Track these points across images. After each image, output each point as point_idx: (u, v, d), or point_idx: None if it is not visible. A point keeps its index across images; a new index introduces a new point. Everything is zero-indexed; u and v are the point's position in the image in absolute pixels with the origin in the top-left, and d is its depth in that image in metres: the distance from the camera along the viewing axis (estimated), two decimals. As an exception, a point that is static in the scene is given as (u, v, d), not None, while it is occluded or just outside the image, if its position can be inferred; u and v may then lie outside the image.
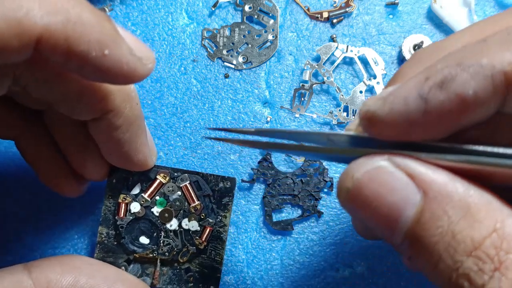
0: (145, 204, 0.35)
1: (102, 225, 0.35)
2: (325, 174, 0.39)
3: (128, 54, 0.24)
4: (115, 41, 0.23)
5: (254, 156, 0.39)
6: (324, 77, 0.40)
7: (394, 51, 0.41)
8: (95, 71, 0.23)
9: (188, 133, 0.39)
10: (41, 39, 0.21)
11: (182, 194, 0.35)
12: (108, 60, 0.23)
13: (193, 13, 0.41)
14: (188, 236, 0.35)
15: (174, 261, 0.35)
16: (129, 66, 0.24)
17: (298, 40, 0.41)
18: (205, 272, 0.35)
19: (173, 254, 0.35)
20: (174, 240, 0.35)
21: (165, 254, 0.35)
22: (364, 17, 0.41)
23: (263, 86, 0.40)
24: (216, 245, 0.35)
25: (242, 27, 0.41)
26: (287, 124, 0.40)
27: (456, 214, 0.20)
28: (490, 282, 0.19)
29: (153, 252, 0.35)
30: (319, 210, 0.38)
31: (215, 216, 0.35)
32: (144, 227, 0.35)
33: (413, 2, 0.41)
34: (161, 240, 0.35)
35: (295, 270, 0.38)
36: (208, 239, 0.35)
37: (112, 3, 0.41)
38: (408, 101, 0.21)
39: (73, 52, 0.22)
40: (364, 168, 0.22)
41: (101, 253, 0.35)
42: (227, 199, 0.35)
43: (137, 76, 0.25)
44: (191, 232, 0.35)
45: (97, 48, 0.22)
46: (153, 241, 0.35)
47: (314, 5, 0.41)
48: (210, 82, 0.40)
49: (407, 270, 0.38)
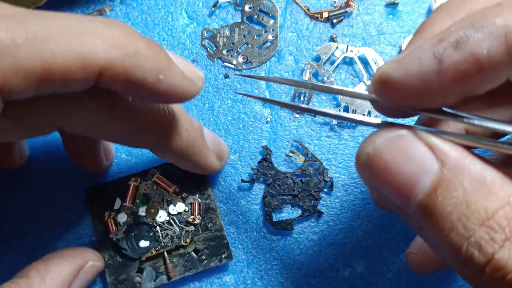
0: (130, 211, 0.36)
1: (102, 250, 0.36)
2: (325, 174, 0.39)
3: (181, 78, 0.26)
4: (168, 67, 0.26)
5: (254, 156, 0.39)
6: (324, 77, 0.40)
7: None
8: (151, 94, 0.26)
9: (188, 133, 0.39)
10: (103, 70, 0.24)
11: (157, 186, 0.37)
12: (163, 84, 0.25)
13: (193, 13, 0.41)
14: (181, 219, 0.36)
15: (179, 248, 0.36)
16: (182, 88, 0.27)
17: (298, 40, 0.41)
18: (213, 244, 0.36)
19: (175, 241, 0.36)
20: (170, 229, 0.36)
21: (168, 244, 0.36)
22: (364, 17, 0.41)
23: (263, 86, 0.40)
24: (210, 216, 0.37)
25: (242, 27, 0.41)
26: (287, 124, 0.40)
27: (472, 185, 0.21)
28: (500, 252, 0.20)
29: (156, 248, 0.36)
30: (319, 210, 0.38)
31: (197, 191, 0.37)
32: (138, 231, 0.36)
33: (413, 2, 0.41)
34: (159, 235, 0.36)
35: (295, 270, 0.38)
36: (200, 212, 0.36)
37: (112, 3, 0.41)
38: (423, 61, 0.21)
39: (131, 80, 0.24)
40: (386, 135, 0.23)
41: (112, 275, 0.36)
42: (203, 176, 0.37)
43: (189, 95, 0.27)
44: (182, 214, 0.36)
45: (153, 75, 0.25)
46: (152, 240, 0.36)
47: (314, 5, 0.41)
48: (210, 82, 0.40)
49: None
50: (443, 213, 0.21)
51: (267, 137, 0.39)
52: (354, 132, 0.40)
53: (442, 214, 0.21)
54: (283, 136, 0.40)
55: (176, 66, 0.26)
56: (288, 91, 0.40)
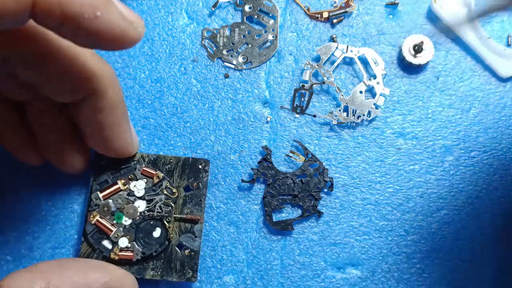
0: (123, 231, 0.35)
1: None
2: (325, 174, 0.39)
3: (120, 18, 0.25)
4: (106, 4, 0.25)
5: (254, 156, 0.39)
6: (324, 77, 0.40)
7: (394, 51, 0.41)
8: (88, 34, 0.25)
9: (188, 133, 0.39)
10: (36, 2, 0.23)
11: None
12: (100, 23, 0.24)
13: (193, 13, 0.41)
14: (156, 193, 0.36)
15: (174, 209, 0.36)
16: (120, 29, 0.25)
17: (298, 40, 0.41)
18: (194, 193, 0.37)
19: (170, 203, 0.36)
20: (156, 201, 0.36)
21: (170, 210, 0.36)
22: (364, 17, 0.41)
23: (263, 86, 0.40)
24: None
25: (242, 27, 0.41)
26: (287, 124, 0.40)
27: None
28: None
29: (168, 221, 0.36)
30: (319, 210, 0.38)
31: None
32: (143, 229, 0.36)
33: (413, 2, 0.41)
34: (154, 214, 0.36)
35: (295, 270, 0.38)
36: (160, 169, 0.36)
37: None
38: None
39: (67, 14, 0.24)
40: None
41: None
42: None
43: (129, 39, 0.26)
44: (146, 191, 0.36)
45: (89, 11, 0.24)
46: (161, 235, 0.35)
47: (314, 5, 0.41)
48: (210, 82, 0.40)
49: (407, 271, 0.38)
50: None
51: (267, 137, 0.39)
52: (354, 132, 0.40)
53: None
54: (283, 136, 0.40)
55: (114, 5, 0.25)
56: (288, 91, 0.40)
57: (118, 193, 0.36)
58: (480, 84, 0.40)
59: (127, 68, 0.40)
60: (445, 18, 0.40)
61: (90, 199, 0.36)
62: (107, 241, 0.35)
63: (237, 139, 0.39)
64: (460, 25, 0.40)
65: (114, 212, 0.36)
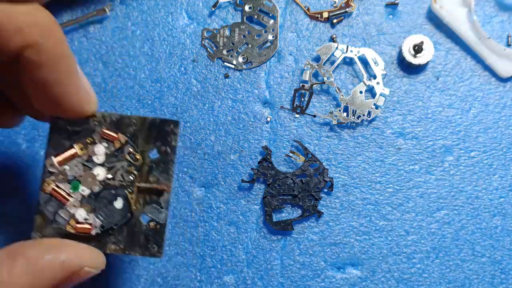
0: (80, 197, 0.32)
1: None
2: (325, 174, 0.39)
3: None
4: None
5: (254, 156, 0.39)
6: (324, 77, 0.40)
7: (394, 51, 0.41)
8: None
9: (188, 133, 0.39)
10: None
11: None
12: None
13: (193, 13, 0.41)
14: (116, 158, 0.32)
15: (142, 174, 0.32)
16: None
17: (298, 40, 0.41)
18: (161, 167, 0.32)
19: (133, 170, 0.32)
20: (116, 168, 0.32)
21: (131, 179, 0.32)
22: (364, 17, 0.41)
23: (263, 86, 0.40)
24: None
25: (242, 27, 0.41)
26: (287, 124, 0.40)
27: None
28: None
29: (130, 190, 0.32)
30: (319, 210, 0.38)
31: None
32: (103, 199, 0.32)
33: (413, 2, 0.41)
34: (116, 184, 0.32)
35: (295, 270, 0.38)
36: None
37: (112, 3, 0.41)
38: None
39: None
40: None
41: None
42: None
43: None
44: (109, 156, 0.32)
45: None
46: (123, 207, 0.32)
47: (314, 5, 0.41)
48: (210, 82, 0.40)
49: (408, 271, 0.38)
50: None
51: (267, 137, 0.39)
52: (354, 132, 0.40)
53: None
54: (283, 136, 0.40)
55: None
56: (288, 91, 0.40)
57: (74, 158, 0.32)
58: (480, 84, 0.40)
59: (127, 68, 0.40)
60: (445, 18, 0.40)
61: (44, 165, 0.32)
62: (63, 212, 0.31)
63: (237, 139, 0.40)
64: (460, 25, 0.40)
65: (70, 181, 0.32)
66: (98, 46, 0.40)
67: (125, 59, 0.40)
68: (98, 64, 0.40)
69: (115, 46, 0.40)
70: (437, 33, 0.41)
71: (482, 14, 0.41)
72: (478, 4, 0.41)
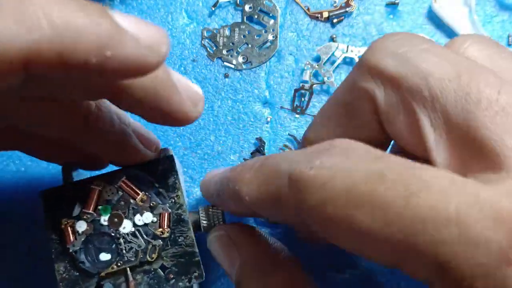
0: (90, 219, 0.31)
1: (57, 262, 0.31)
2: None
3: (135, 49, 0.20)
4: (116, 39, 0.20)
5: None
6: (324, 77, 0.40)
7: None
8: (101, 76, 0.21)
9: (188, 133, 0.39)
10: (28, 63, 0.18)
11: (122, 192, 0.32)
12: (113, 62, 0.20)
13: (193, 13, 0.41)
14: (149, 231, 0.32)
15: (144, 264, 0.32)
16: (138, 61, 0.21)
17: (298, 40, 0.41)
18: (182, 262, 0.32)
19: (140, 256, 0.31)
20: (134, 242, 0.31)
21: (131, 259, 0.31)
22: (364, 17, 0.41)
23: (263, 86, 0.40)
24: (181, 229, 0.32)
25: (242, 27, 0.41)
26: (287, 124, 0.40)
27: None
28: None
29: (118, 263, 0.31)
30: (319, 210, 0.38)
31: (167, 200, 0.32)
32: (99, 243, 0.31)
33: (413, 2, 0.41)
34: (122, 248, 0.31)
35: (295, 270, 0.38)
36: (169, 224, 0.32)
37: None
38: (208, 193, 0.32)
39: (71, 65, 0.19)
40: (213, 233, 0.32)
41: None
42: (172, 179, 0.32)
43: (148, 68, 0.21)
44: (149, 226, 0.32)
45: (98, 54, 0.19)
46: (114, 253, 0.31)
47: (314, 5, 0.41)
48: (210, 82, 0.40)
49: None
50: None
51: (267, 137, 0.39)
52: (354, 132, 0.40)
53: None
54: (283, 136, 0.39)
55: (126, 34, 0.20)
56: (288, 91, 0.40)
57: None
58: (481, 84, 0.40)
59: (127, 68, 0.40)
60: (445, 18, 0.40)
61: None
62: None
63: (237, 139, 0.39)
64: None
65: (104, 202, 0.32)
66: (98, 46, 0.40)
67: (125, 59, 0.40)
68: (98, 64, 0.40)
69: (115, 46, 0.40)
70: (438, 33, 0.41)
71: (483, 14, 0.41)
72: (479, 4, 0.41)
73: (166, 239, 0.32)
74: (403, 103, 0.23)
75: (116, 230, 0.31)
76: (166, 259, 0.32)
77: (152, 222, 0.32)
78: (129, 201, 0.32)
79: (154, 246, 0.31)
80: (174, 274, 0.32)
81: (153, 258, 0.31)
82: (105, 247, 0.31)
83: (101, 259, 0.31)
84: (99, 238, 0.31)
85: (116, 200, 0.32)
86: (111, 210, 0.32)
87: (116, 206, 0.32)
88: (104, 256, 0.31)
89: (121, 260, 0.31)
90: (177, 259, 0.32)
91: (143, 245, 0.31)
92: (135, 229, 0.31)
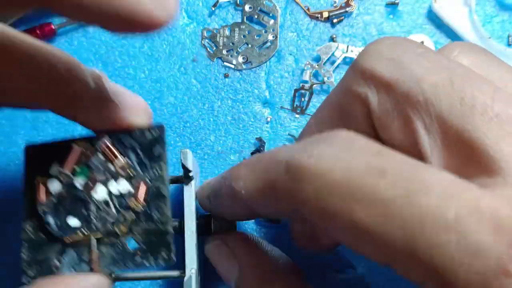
0: (65, 181, 0.29)
1: (26, 220, 0.29)
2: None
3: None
4: None
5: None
6: (324, 77, 0.40)
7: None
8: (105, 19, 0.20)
9: (188, 133, 0.39)
10: None
11: (104, 156, 0.29)
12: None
13: (193, 13, 0.41)
14: (122, 202, 0.29)
15: (111, 235, 0.29)
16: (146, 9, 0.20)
17: (298, 40, 0.41)
18: (153, 240, 0.29)
19: (108, 227, 0.29)
20: (106, 211, 0.29)
21: (98, 229, 0.29)
22: (364, 17, 0.41)
23: (263, 86, 0.40)
24: (158, 204, 0.29)
25: (242, 27, 0.41)
26: (287, 124, 0.40)
27: None
28: None
29: (85, 231, 0.29)
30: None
31: (148, 170, 0.29)
32: (70, 206, 0.29)
33: (414, 2, 0.41)
34: (92, 216, 0.29)
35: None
36: (145, 198, 0.29)
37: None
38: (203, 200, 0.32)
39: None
40: (212, 242, 0.32)
41: (29, 253, 0.29)
42: (159, 149, 0.30)
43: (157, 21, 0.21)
44: (124, 196, 0.29)
45: None
46: (83, 220, 0.29)
47: (314, 5, 0.41)
48: (210, 82, 0.40)
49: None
50: None
51: (267, 137, 0.39)
52: (354, 132, 0.40)
53: None
54: (283, 136, 0.39)
55: None
56: (288, 91, 0.40)
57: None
58: (481, 84, 0.40)
59: (126, 68, 0.40)
60: (445, 18, 0.40)
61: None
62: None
63: (237, 139, 0.39)
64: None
65: (83, 164, 0.29)
66: (97, 46, 0.40)
67: (124, 59, 0.40)
68: (98, 64, 0.40)
69: (115, 46, 0.40)
70: (438, 33, 0.41)
71: (483, 14, 0.41)
72: (479, 4, 0.41)
73: (140, 213, 0.29)
74: (397, 107, 0.23)
75: (88, 194, 0.29)
76: (136, 234, 0.29)
77: (128, 193, 0.29)
78: (107, 166, 0.29)
79: (125, 219, 0.29)
80: (141, 252, 0.29)
81: (122, 231, 0.29)
82: (75, 211, 0.29)
83: (69, 223, 0.29)
84: (71, 201, 0.29)
85: (95, 163, 0.29)
86: (88, 173, 0.29)
87: (93, 170, 0.29)
88: (72, 221, 0.29)
89: (88, 228, 0.29)
90: (148, 236, 0.29)
91: (114, 216, 0.29)
92: (108, 198, 0.29)
